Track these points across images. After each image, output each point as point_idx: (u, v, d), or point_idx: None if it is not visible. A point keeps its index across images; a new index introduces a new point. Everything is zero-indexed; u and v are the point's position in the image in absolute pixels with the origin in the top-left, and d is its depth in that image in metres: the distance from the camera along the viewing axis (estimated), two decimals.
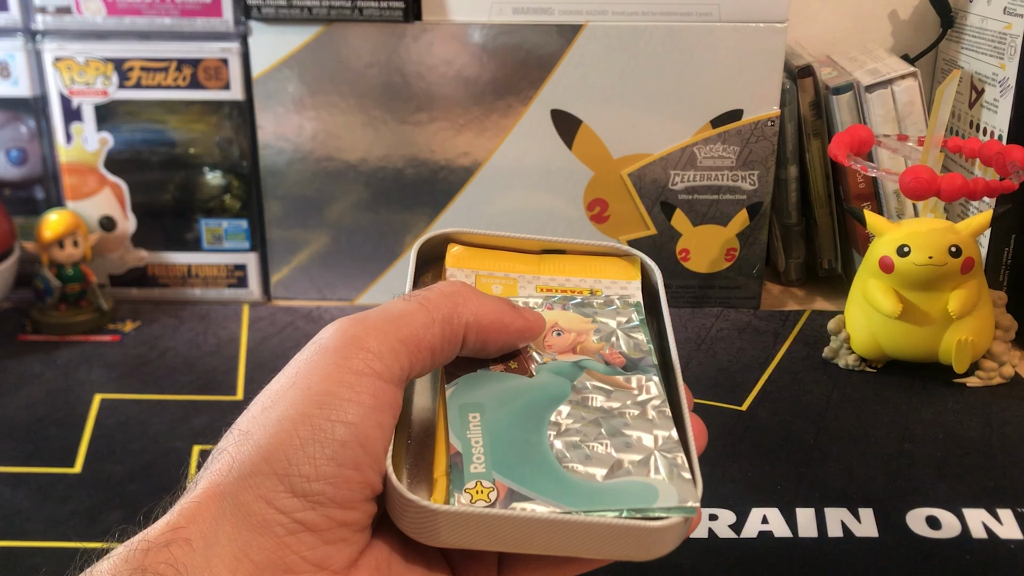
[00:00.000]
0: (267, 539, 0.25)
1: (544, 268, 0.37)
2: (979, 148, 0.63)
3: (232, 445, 0.27)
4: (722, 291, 0.71)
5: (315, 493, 0.26)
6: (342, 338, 0.28)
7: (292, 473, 0.26)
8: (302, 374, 0.27)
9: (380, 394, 0.27)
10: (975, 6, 0.72)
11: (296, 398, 0.27)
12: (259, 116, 0.67)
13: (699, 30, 0.64)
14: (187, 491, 0.27)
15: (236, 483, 0.26)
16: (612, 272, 0.37)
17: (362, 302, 0.71)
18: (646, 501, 0.28)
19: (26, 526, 0.47)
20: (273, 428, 0.26)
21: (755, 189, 0.68)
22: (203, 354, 0.63)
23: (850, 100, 0.69)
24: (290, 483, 0.26)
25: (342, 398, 0.27)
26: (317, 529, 0.26)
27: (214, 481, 0.26)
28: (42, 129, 0.68)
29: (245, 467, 0.26)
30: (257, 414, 0.27)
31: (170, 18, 0.65)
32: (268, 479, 0.26)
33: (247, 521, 0.25)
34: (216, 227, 0.70)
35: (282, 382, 0.28)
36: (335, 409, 0.26)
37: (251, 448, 0.26)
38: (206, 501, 0.26)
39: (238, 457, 0.26)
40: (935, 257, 0.56)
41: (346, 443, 0.26)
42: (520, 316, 0.32)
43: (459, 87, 0.66)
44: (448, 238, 0.37)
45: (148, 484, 0.50)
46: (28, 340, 0.65)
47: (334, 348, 0.28)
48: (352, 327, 0.28)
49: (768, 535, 0.46)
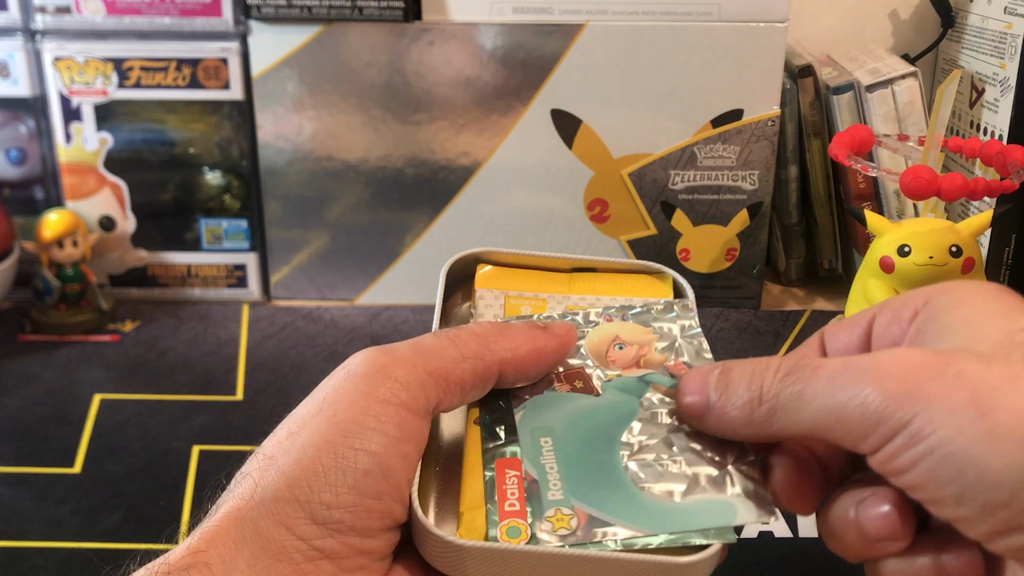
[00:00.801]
0: (285, 566, 0.25)
1: (574, 287, 0.36)
2: (980, 148, 0.63)
3: (256, 470, 0.27)
4: (722, 291, 0.71)
5: (335, 521, 0.26)
6: (371, 367, 0.28)
7: (313, 500, 0.26)
8: (329, 400, 0.28)
9: (405, 424, 0.27)
10: (976, 6, 0.72)
11: (321, 425, 0.27)
12: (259, 116, 0.67)
13: (699, 30, 0.64)
14: (209, 515, 0.27)
15: (257, 508, 0.26)
16: (643, 290, 0.36)
17: (362, 302, 0.71)
18: (725, 520, 0.28)
19: (25, 526, 0.47)
20: (297, 455, 0.26)
21: (755, 189, 0.68)
22: (203, 354, 0.63)
23: (850, 100, 0.69)
24: (310, 510, 0.26)
25: (367, 427, 0.27)
26: (336, 557, 0.26)
27: (236, 506, 0.26)
28: (41, 129, 0.68)
29: (267, 493, 0.26)
30: (283, 439, 0.27)
31: (170, 18, 0.65)
32: (289, 505, 0.26)
33: (266, 547, 0.25)
34: (216, 227, 0.70)
35: (309, 407, 0.28)
36: (359, 438, 0.26)
37: (274, 474, 0.26)
38: (226, 526, 0.26)
39: (261, 482, 0.26)
40: (936, 257, 0.56)
41: (368, 472, 0.26)
42: (552, 336, 0.31)
43: (459, 87, 0.66)
44: (477, 258, 0.36)
45: (148, 484, 0.50)
46: (28, 340, 0.65)
47: (362, 376, 0.28)
48: (381, 356, 0.28)
49: (768, 535, 0.46)
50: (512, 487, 0.29)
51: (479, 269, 0.36)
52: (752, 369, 0.28)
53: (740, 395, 0.27)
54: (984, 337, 0.25)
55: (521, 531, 0.27)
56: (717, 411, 0.28)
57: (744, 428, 0.28)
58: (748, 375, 0.28)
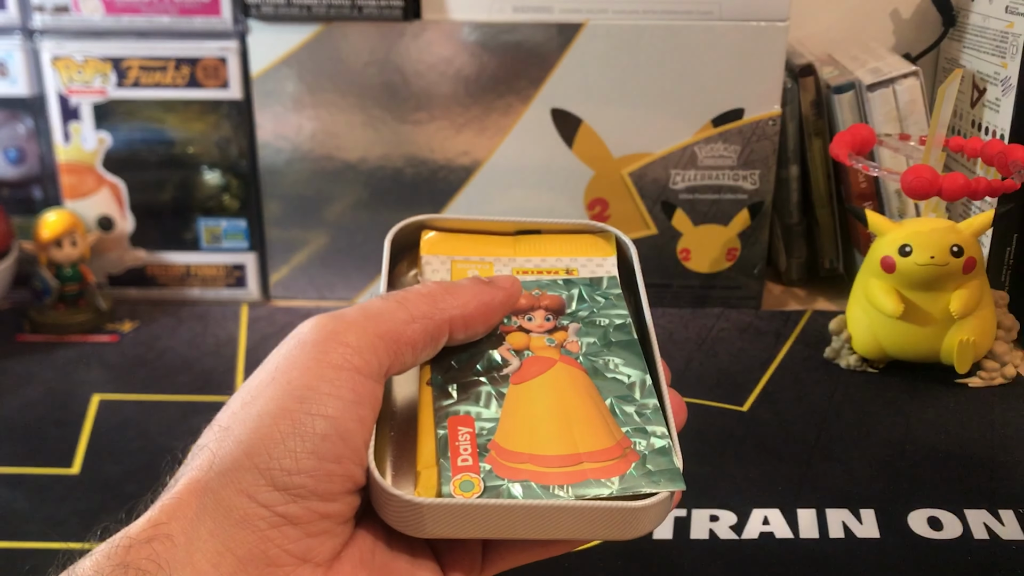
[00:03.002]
0: (249, 533, 0.25)
1: (520, 249, 0.37)
2: (981, 147, 0.63)
3: (212, 441, 0.27)
4: (723, 291, 0.71)
5: (296, 487, 0.26)
6: (320, 332, 0.28)
7: (273, 467, 0.26)
8: (281, 369, 0.28)
9: (359, 388, 0.27)
10: (977, 5, 0.72)
11: (276, 393, 0.27)
12: (258, 115, 0.67)
13: (700, 29, 0.64)
14: (167, 488, 0.27)
15: (217, 479, 0.26)
16: (588, 249, 0.37)
17: (361, 302, 0.71)
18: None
19: (24, 527, 0.47)
20: (253, 423, 0.26)
21: (756, 188, 0.68)
22: (202, 354, 0.63)
23: (851, 99, 0.68)
24: (271, 477, 0.26)
25: (321, 392, 0.27)
26: (299, 522, 0.26)
27: (194, 477, 0.26)
28: (40, 128, 0.68)
29: (226, 462, 0.26)
30: (237, 410, 0.27)
31: (168, 17, 0.65)
32: (249, 474, 0.26)
33: (229, 516, 0.25)
34: (215, 227, 0.70)
35: (261, 377, 0.28)
36: (315, 403, 0.27)
37: (232, 444, 0.26)
38: (187, 497, 0.26)
39: (219, 453, 0.26)
40: (937, 257, 0.56)
41: (326, 436, 0.26)
42: (499, 289, 0.32)
43: (459, 86, 0.66)
44: (422, 224, 0.37)
45: (146, 484, 0.50)
46: (26, 340, 0.65)
47: (313, 343, 0.28)
48: (331, 322, 0.29)
49: (769, 536, 0.46)
50: (465, 443, 0.29)
51: (424, 235, 0.37)
52: None
53: None
54: None
55: (474, 484, 0.28)
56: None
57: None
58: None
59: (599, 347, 0.33)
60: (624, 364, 0.32)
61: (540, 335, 0.33)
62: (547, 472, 0.28)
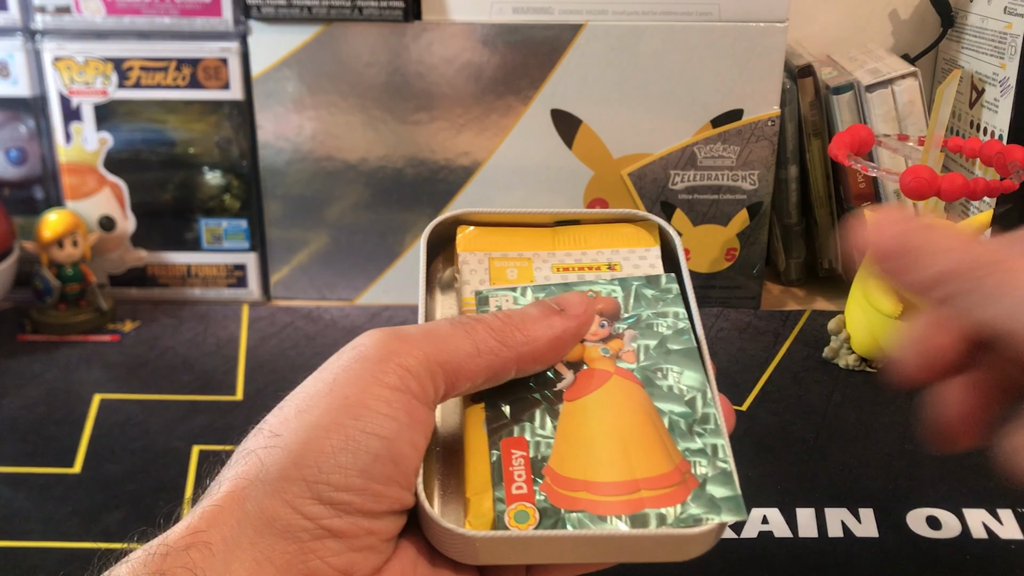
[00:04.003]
0: (290, 544, 0.25)
1: (559, 242, 0.35)
2: (979, 148, 0.63)
3: (261, 447, 0.26)
4: (722, 291, 0.71)
5: (342, 503, 0.25)
6: (382, 350, 0.28)
7: (321, 481, 0.25)
8: (339, 382, 0.27)
9: (415, 413, 0.27)
10: (975, 6, 0.72)
11: (331, 406, 0.26)
12: (259, 116, 0.67)
13: (699, 30, 0.64)
14: (210, 492, 0.26)
15: (262, 487, 0.25)
16: (629, 240, 0.36)
17: (362, 302, 0.71)
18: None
19: (25, 526, 0.47)
20: (306, 433, 0.26)
21: (755, 189, 0.68)
22: (203, 354, 0.63)
23: (850, 100, 0.69)
24: (318, 491, 0.25)
25: (378, 412, 0.26)
26: (343, 536, 0.25)
27: (239, 484, 0.26)
28: (41, 129, 0.68)
29: (273, 472, 0.25)
30: (290, 417, 0.27)
31: (169, 18, 0.65)
32: (296, 485, 0.25)
33: (271, 525, 0.25)
34: (216, 227, 0.70)
35: (318, 387, 0.27)
36: (370, 422, 0.26)
37: (281, 452, 0.26)
38: (229, 504, 0.25)
39: (266, 460, 0.26)
40: None
41: (378, 457, 0.26)
42: (570, 318, 0.31)
43: (459, 86, 0.66)
44: (457, 220, 0.35)
45: (148, 484, 0.50)
46: (27, 340, 0.65)
47: (374, 359, 0.27)
48: (393, 341, 0.28)
49: (768, 535, 0.46)
50: (519, 468, 0.28)
51: (459, 232, 0.35)
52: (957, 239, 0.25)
53: (938, 260, 0.25)
54: None
55: (530, 515, 0.27)
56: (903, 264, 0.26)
57: (927, 292, 0.26)
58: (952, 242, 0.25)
59: (656, 356, 0.31)
60: (682, 375, 0.31)
61: (594, 344, 0.32)
62: (603, 501, 0.28)
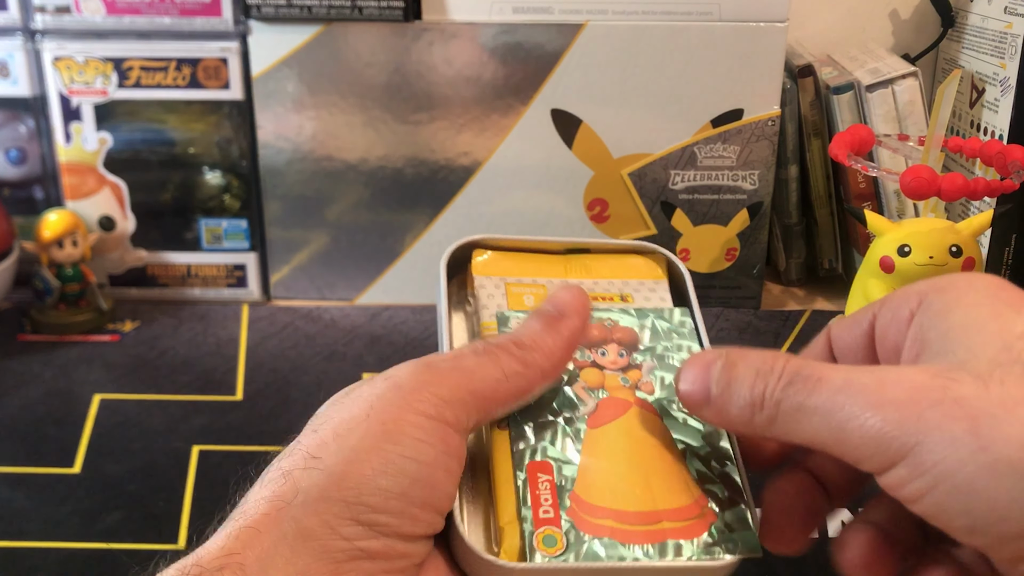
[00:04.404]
0: (325, 564, 0.25)
1: (571, 270, 0.36)
2: (980, 148, 0.63)
3: (299, 468, 0.27)
4: (722, 291, 0.71)
5: (380, 524, 0.26)
6: (415, 380, 0.28)
7: (360, 502, 0.26)
8: (376, 409, 0.28)
9: (449, 441, 0.28)
10: (976, 5, 0.72)
11: (370, 431, 0.27)
12: (259, 116, 0.67)
13: (699, 30, 0.64)
14: (243, 511, 0.26)
15: (301, 507, 0.26)
16: (639, 272, 0.37)
17: (362, 302, 0.71)
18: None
19: (25, 526, 0.47)
20: (346, 455, 0.26)
21: (755, 189, 0.68)
22: (202, 354, 0.63)
23: (851, 100, 0.69)
24: (356, 512, 0.26)
25: (415, 438, 0.27)
26: (377, 557, 0.26)
27: (276, 506, 0.26)
28: (41, 129, 0.68)
29: (313, 492, 0.26)
30: (329, 440, 0.27)
31: (169, 17, 0.65)
32: (336, 505, 0.26)
33: (307, 545, 0.25)
34: (216, 227, 0.70)
35: (354, 412, 0.28)
36: (409, 447, 0.27)
37: (321, 474, 0.26)
38: (265, 524, 0.26)
39: (305, 481, 0.26)
40: (936, 257, 0.56)
41: (416, 481, 0.27)
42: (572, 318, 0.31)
43: (459, 87, 0.66)
44: (473, 244, 0.36)
45: (147, 484, 0.50)
46: (27, 340, 0.65)
47: (409, 389, 0.28)
48: (426, 371, 0.29)
49: None
50: (545, 492, 0.29)
51: (475, 256, 0.36)
52: (756, 369, 0.27)
53: (742, 396, 0.27)
54: (982, 348, 0.25)
55: (557, 540, 0.28)
56: (717, 406, 0.28)
57: (742, 428, 0.28)
58: (752, 375, 0.27)
59: (672, 389, 0.32)
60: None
61: (614, 373, 0.33)
62: (627, 530, 0.28)
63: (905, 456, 0.24)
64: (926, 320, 0.27)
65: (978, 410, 0.24)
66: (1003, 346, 0.25)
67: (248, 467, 0.29)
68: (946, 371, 0.25)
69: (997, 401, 0.24)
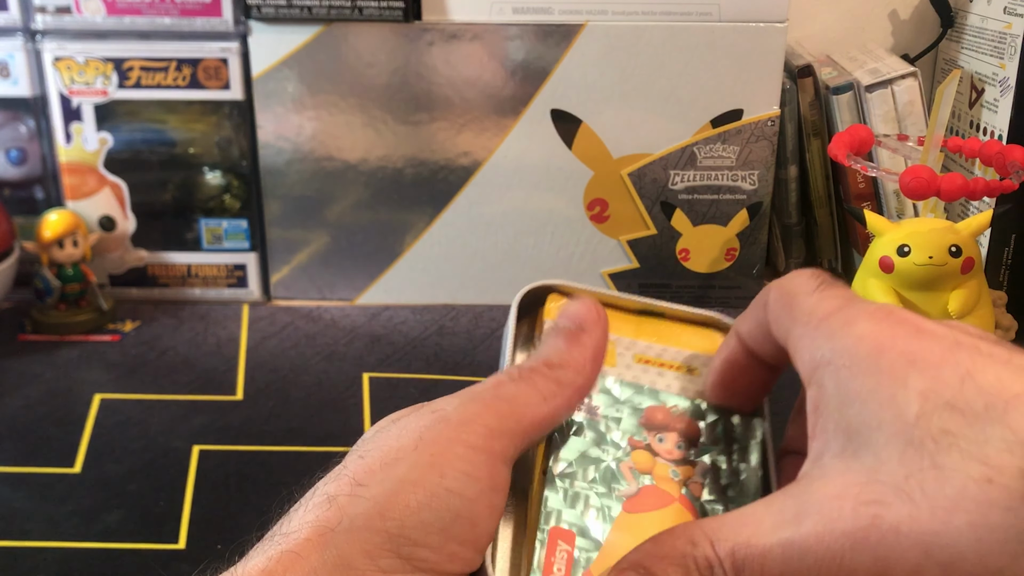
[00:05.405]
0: None
1: (642, 332, 0.36)
2: (979, 148, 0.63)
3: (344, 495, 0.27)
4: (722, 291, 0.71)
5: (419, 559, 0.26)
6: (464, 413, 0.28)
7: (402, 535, 0.26)
8: (425, 440, 0.28)
9: (495, 474, 0.28)
10: (975, 6, 0.72)
11: (418, 462, 0.27)
12: (259, 116, 0.67)
13: (699, 30, 0.64)
14: (285, 534, 0.26)
15: (344, 535, 0.26)
16: (711, 345, 0.36)
17: (362, 302, 0.71)
18: None
19: (26, 526, 0.47)
20: (392, 486, 0.26)
21: (755, 189, 0.68)
22: (203, 354, 0.63)
23: (850, 100, 0.69)
24: (397, 544, 0.26)
25: (462, 472, 0.27)
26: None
27: (319, 530, 0.26)
28: (42, 129, 0.68)
29: (357, 521, 0.26)
30: (376, 469, 0.27)
31: (170, 18, 0.65)
32: (378, 536, 0.26)
33: (346, 574, 0.25)
34: (216, 227, 0.70)
35: (403, 442, 0.28)
36: (455, 481, 0.27)
37: (368, 503, 0.26)
38: (308, 550, 0.26)
39: (349, 508, 0.26)
40: (935, 257, 0.56)
41: (459, 516, 0.26)
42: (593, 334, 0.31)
43: (459, 87, 0.66)
44: (549, 288, 0.36)
45: (148, 484, 0.50)
46: (28, 340, 0.65)
47: (457, 422, 0.28)
48: (472, 404, 0.29)
49: None
50: (561, 562, 0.28)
51: (549, 300, 0.36)
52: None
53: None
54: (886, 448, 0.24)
55: None
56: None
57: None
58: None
59: (718, 498, 0.31)
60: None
61: (666, 463, 0.32)
62: None
63: None
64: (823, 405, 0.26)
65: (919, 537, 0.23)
66: (906, 441, 0.24)
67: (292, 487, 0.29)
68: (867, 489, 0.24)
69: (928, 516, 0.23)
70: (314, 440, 0.54)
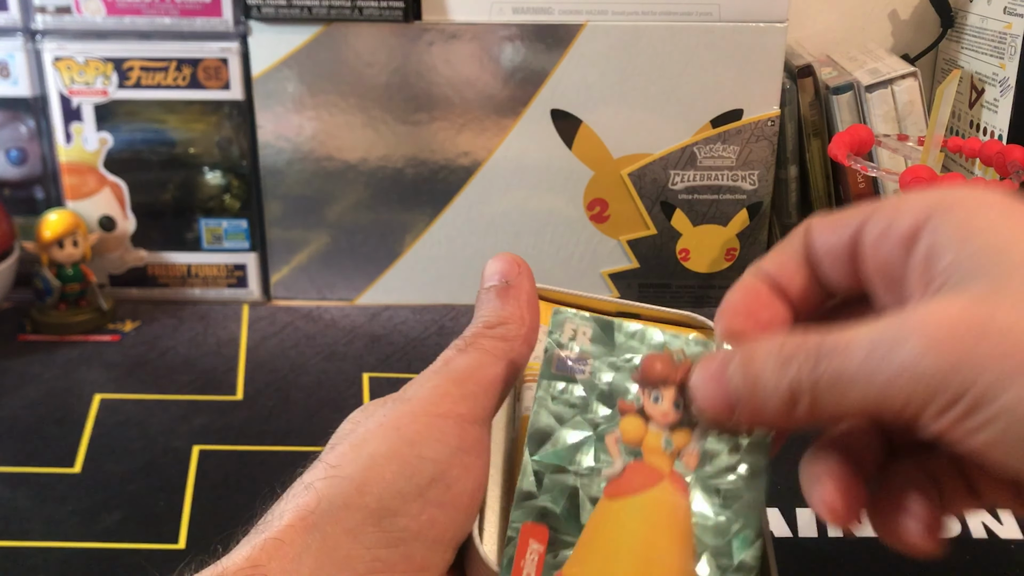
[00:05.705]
0: (348, 575, 0.25)
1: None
2: (979, 148, 0.63)
3: (320, 480, 0.27)
4: (722, 291, 0.71)
5: (400, 529, 0.26)
6: (422, 391, 0.29)
7: (381, 508, 0.26)
8: (390, 418, 0.28)
9: (464, 436, 0.28)
10: (975, 6, 0.72)
11: (386, 437, 0.28)
12: (259, 116, 0.67)
13: (699, 30, 0.64)
14: (268, 522, 0.27)
15: (324, 516, 0.26)
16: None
17: (362, 302, 0.71)
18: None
19: (26, 526, 0.47)
20: (365, 463, 0.27)
21: (755, 189, 0.68)
22: (203, 354, 0.63)
23: (850, 100, 0.69)
24: (378, 517, 0.26)
25: (430, 438, 0.27)
26: (395, 571, 0.26)
27: (300, 515, 0.26)
28: (42, 129, 0.68)
29: (336, 501, 0.26)
30: (347, 451, 0.28)
31: (170, 18, 0.65)
32: (358, 512, 0.26)
33: (331, 555, 0.25)
34: (216, 227, 0.70)
35: (369, 427, 0.28)
36: (424, 447, 0.27)
37: (342, 482, 0.27)
38: (291, 536, 0.26)
39: (326, 491, 0.26)
40: None
41: (434, 481, 0.27)
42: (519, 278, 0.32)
43: (459, 87, 0.66)
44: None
45: (148, 484, 0.50)
46: (28, 340, 0.65)
47: (419, 399, 0.29)
48: (428, 381, 0.29)
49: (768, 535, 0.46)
50: (530, 566, 0.27)
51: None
52: (777, 356, 0.25)
53: (775, 391, 0.25)
54: (1014, 270, 0.23)
55: None
56: (748, 411, 0.26)
57: (783, 423, 0.26)
58: (777, 366, 0.25)
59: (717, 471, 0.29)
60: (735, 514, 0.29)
61: (659, 431, 0.29)
62: None
63: (963, 395, 0.22)
64: (940, 241, 0.25)
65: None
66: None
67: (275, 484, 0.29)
68: (982, 299, 0.23)
69: None
70: (314, 440, 0.54)
